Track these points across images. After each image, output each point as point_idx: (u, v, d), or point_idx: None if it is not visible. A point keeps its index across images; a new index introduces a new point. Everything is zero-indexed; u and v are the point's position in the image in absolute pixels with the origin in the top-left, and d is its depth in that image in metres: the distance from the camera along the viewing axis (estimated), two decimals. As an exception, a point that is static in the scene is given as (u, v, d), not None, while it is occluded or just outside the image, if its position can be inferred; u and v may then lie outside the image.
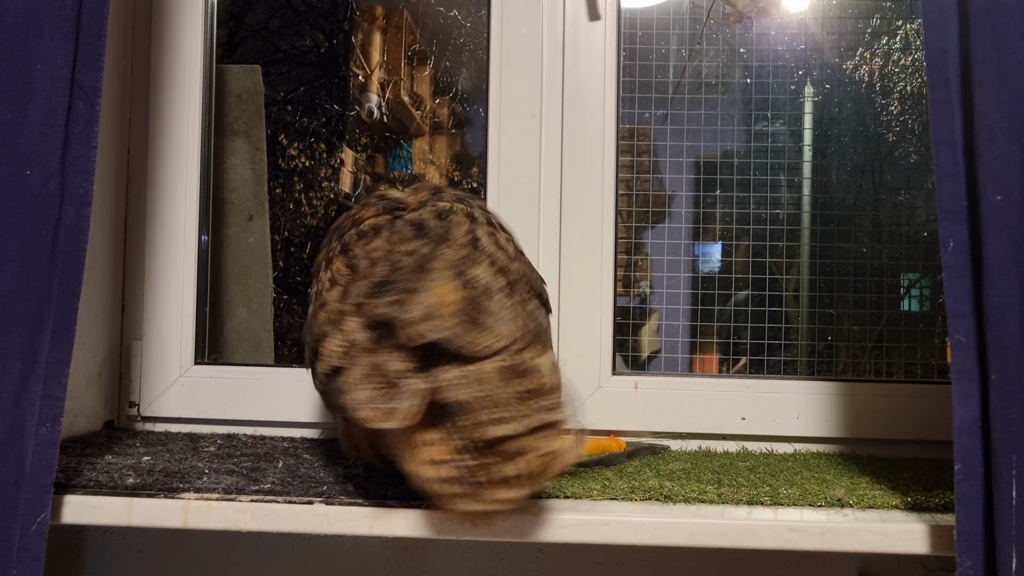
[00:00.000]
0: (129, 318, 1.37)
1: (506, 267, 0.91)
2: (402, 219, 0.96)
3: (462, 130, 1.79)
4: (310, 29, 1.80)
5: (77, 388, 1.26)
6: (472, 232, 0.93)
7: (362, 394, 0.82)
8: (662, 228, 1.56)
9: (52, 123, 0.89)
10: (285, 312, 1.64)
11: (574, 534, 0.87)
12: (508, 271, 0.91)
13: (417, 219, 0.95)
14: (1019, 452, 0.76)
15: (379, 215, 0.97)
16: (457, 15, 1.63)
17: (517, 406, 0.80)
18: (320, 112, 1.73)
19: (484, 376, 0.81)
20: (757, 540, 0.86)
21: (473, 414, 0.79)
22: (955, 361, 0.81)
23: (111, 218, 1.34)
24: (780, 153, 1.54)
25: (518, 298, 0.90)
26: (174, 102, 1.37)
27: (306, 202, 1.71)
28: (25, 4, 0.90)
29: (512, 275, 0.91)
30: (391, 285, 0.87)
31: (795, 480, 1.03)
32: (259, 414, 1.34)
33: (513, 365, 0.82)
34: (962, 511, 0.79)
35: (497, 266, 0.90)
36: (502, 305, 0.87)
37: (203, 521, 0.90)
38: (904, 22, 1.56)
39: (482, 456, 0.79)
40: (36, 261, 0.88)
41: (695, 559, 1.26)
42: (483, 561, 1.29)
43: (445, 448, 0.80)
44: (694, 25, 1.55)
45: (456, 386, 0.81)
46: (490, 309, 0.85)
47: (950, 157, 0.82)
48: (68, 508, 0.91)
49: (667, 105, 1.54)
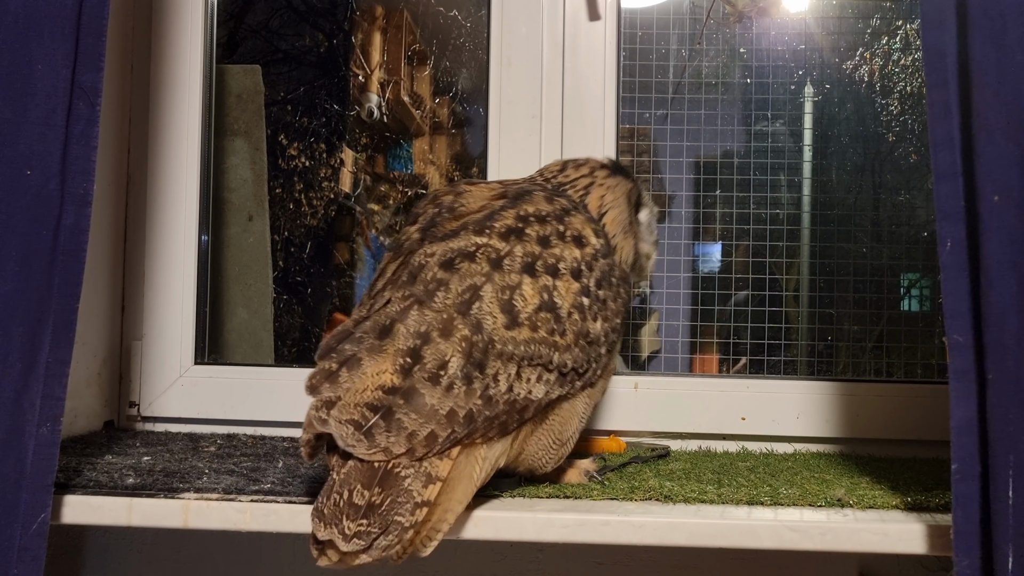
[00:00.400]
0: (129, 318, 1.37)
1: (489, 344, 0.83)
2: (414, 256, 0.88)
3: (462, 130, 1.79)
4: (310, 29, 1.80)
5: (77, 388, 1.26)
6: (472, 290, 0.84)
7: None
8: (662, 228, 1.56)
9: (52, 123, 0.89)
10: (285, 312, 1.64)
11: (574, 534, 0.87)
12: (492, 345, 0.83)
13: (418, 263, 0.87)
14: (1016, 452, 0.76)
15: (402, 238, 0.93)
16: (457, 15, 1.64)
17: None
18: (320, 112, 1.73)
19: (347, 475, 0.78)
20: (757, 540, 0.86)
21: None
22: (953, 361, 0.81)
23: (111, 218, 1.34)
24: (780, 153, 1.55)
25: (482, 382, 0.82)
26: (174, 102, 1.37)
27: (306, 202, 1.71)
28: (25, 4, 0.90)
29: (501, 347, 0.83)
30: (342, 345, 0.83)
31: (795, 480, 1.03)
32: (259, 414, 1.34)
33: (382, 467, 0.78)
34: (959, 511, 0.79)
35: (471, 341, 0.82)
36: (426, 402, 0.79)
37: (203, 521, 0.90)
38: (904, 22, 1.56)
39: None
40: (36, 261, 0.88)
41: (695, 559, 1.26)
42: (483, 561, 1.29)
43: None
44: (694, 25, 1.55)
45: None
46: (411, 405, 0.79)
47: (948, 157, 0.82)
48: (68, 508, 0.91)
49: (667, 105, 1.54)
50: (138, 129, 1.37)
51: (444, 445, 0.80)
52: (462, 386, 0.81)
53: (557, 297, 0.87)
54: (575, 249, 0.90)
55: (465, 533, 0.87)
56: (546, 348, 0.86)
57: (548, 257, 0.88)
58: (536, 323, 0.86)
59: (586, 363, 0.90)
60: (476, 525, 0.87)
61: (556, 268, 0.88)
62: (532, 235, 0.89)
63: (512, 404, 0.84)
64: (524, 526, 0.87)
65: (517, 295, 0.85)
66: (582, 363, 0.89)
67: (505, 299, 0.85)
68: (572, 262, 0.89)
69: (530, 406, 0.86)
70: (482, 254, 0.87)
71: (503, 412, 0.84)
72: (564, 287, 0.88)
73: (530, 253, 0.88)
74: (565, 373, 0.88)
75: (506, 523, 0.87)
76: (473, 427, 0.81)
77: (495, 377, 0.83)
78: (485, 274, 0.85)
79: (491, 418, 0.83)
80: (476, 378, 0.82)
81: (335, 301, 1.74)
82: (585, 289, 0.89)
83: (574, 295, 0.88)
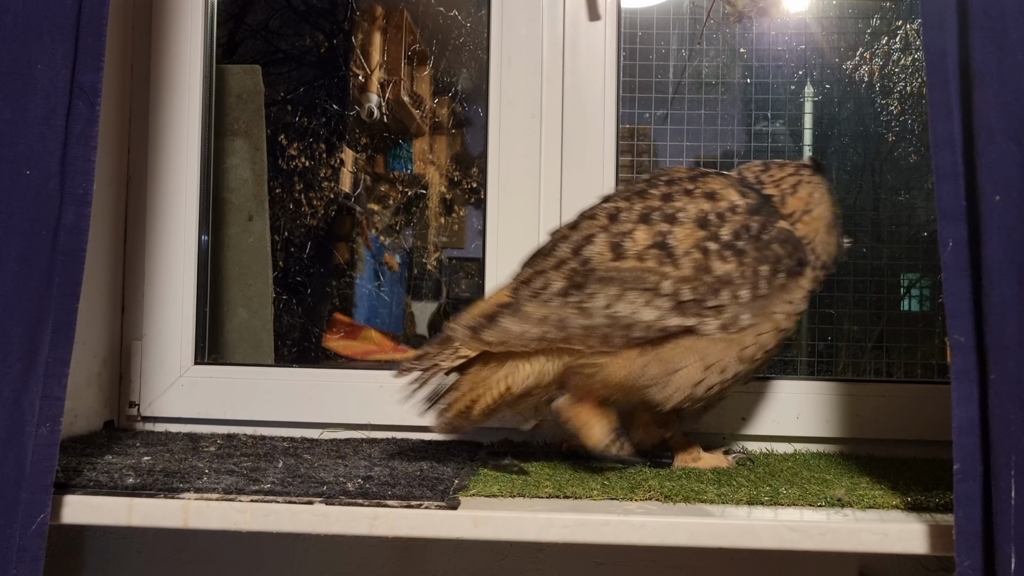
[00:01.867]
0: (129, 318, 1.37)
1: (589, 272, 0.98)
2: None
3: (462, 130, 1.79)
4: (310, 29, 1.80)
5: (77, 388, 1.26)
6: (587, 238, 1.01)
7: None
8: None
9: (52, 123, 0.89)
10: (285, 312, 1.64)
11: (574, 534, 0.87)
12: (590, 275, 0.98)
13: (555, 229, 1.08)
14: (1018, 452, 0.76)
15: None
16: (457, 15, 1.63)
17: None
18: (320, 112, 1.73)
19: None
20: (757, 540, 0.86)
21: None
22: (954, 361, 0.81)
23: (111, 218, 1.34)
24: (780, 153, 1.54)
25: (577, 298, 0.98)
26: (174, 102, 1.37)
27: (306, 202, 1.71)
28: (25, 4, 0.90)
29: (599, 275, 0.98)
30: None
31: (795, 480, 1.03)
32: (259, 414, 1.34)
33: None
34: (961, 511, 0.79)
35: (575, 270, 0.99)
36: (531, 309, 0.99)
37: (203, 521, 0.90)
38: (904, 22, 1.56)
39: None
40: (36, 261, 0.88)
41: (695, 559, 1.26)
42: (483, 561, 1.29)
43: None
44: (694, 25, 1.55)
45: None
46: (515, 312, 0.99)
47: (949, 157, 0.82)
48: (68, 508, 0.91)
49: (667, 105, 1.54)
50: (138, 129, 1.37)
51: (536, 342, 0.98)
52: (559, 300, 0.98)
53: (672, 239, 0.99)
54: (704, 203, 1.01)
55: (465, 533, 0.87)
56: (653, 276, 0.97)
57: (667, 208, 1.01)
58: (644, 256, 0.98)
59: (712, 296, 0.97)
60: (476, 525, 0.87)
61: (674, 217, 1.00)
62: (655, 194, 1.03)
63: (614, 319, 0.96)
64: (524, 526, 0.87)
65: (628, 238, 1.00)
66: (705, 295, 0.97)
67: (615, 242, 1.00)
68: (697, 213, 1.00)
69: (636, 325, 0.97)
70: (602, 212, 1.03)
71: (604, 324, 0.97)
72: (682, 232, 0.99)
73: (649, 207, 1.01)
74: (683, 302, 0.97)
75: (506, 523, 0.87)
76: (568, 332, 0.97)
77: (592, 295, 0.97)
78: (602, 226, 1.02)
79: (589, 327, 0.97)
80: (572, 295, 0.98)
81: (335, 301, 1.74)
82: (713, 236, 0.99)
83: (696, 239, 0.99)
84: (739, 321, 0.99)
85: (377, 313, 1.76)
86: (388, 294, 1.76)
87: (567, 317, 0.97)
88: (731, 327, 0.98)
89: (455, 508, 0.88)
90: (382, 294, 1.76)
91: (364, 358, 1.62)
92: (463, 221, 1.78)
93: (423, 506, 0.88)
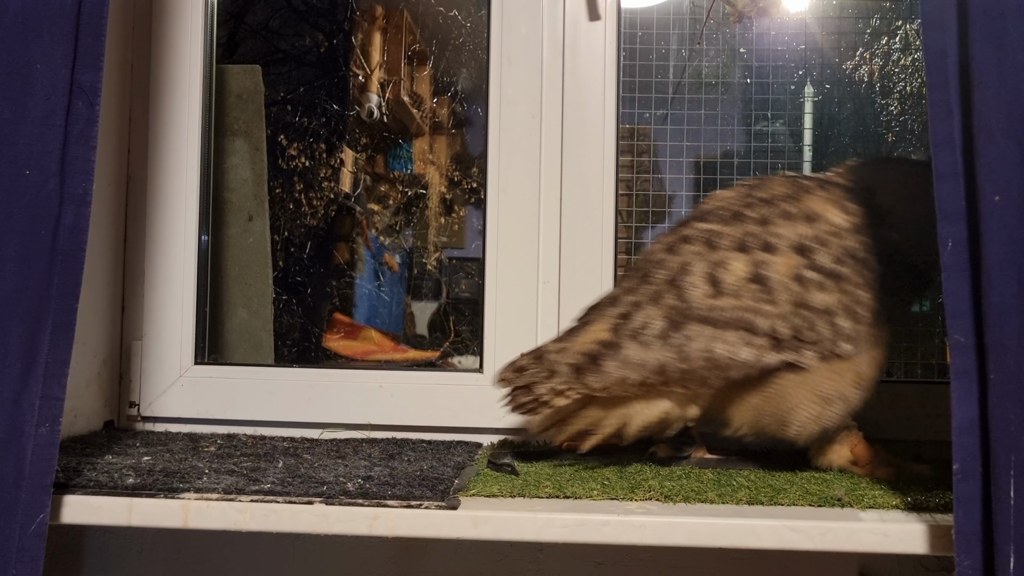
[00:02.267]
0: (129, 318, 1.37)
1: (688, 310, 0.97)
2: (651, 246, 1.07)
3: (462, 130, 1.79)
4: (310, 29, 1.80)
5: (77, 388, 1.26)
6: (683, 267, 0.99)
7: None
8: (662, 228, 1.55)
9: (51, 123, 0.89)
10: (285, 312, 1.64)
11: (574, 534, 0.87)
12: (689, 314, 0.97)
13: (649, 250, 1.06)
14: (1017, 452, 0.76)
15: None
16: (457, 15, 1.63)
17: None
18: (320, 112, 1.73)
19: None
20: (757, 540, 0.86)
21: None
22: (954, 361, 0.81)
23: (111, 218, 1.34)
24: (780, 153, 1.54)
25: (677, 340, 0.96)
26: (174, 102, 1.37)
27: (306, 202, 1.71)
28: (25, 4, 0.90)
29: (698, 314, 0.97)
30: (588, 313, 1.05)
31: (795, 480, 1.03)
32: (259, 414, 1.34)
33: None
34: (960, 511, 0.79)
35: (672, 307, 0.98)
36: (631, 353, 0.97)
37: (203, 521, 0.90)
38: (904, 22, 1.56)
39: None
40: (36, 261, 0.88)
41: (695, 559, 1.26)
42: (483, 561, 1.29)
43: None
44: (694, 25, 1.55)
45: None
46: (616, 355, 0.98)
47: (949, 157, 0.82)
48: (68, 508, 0.91)
49: (667, 105, 1.54)
50: (138, 129, 1.37)
51: (637, 388, 0.98)
52: (658, 343, 0.97)
53: (768, 270, 0.97)
54: (803, 226, 0.99)
55: (465, 533, 0.87)
56: (750, 314, 0.96)
57: (765, 235, 0.99)
58: (740, 292, 0.97)
59: (810, 331, 0.95)
60: (476, 525, 0.87)
61: (772, 245, 0.98)
62: (752, 216, 1.01)
63: (711, 361, 0.95)
64: (524, 526, 0.87)
65: (723, 269, 0.98)
66: (803, 331, 0.96)
67: (711, 273, 0.98)
68: (796, 238, 0.98)
69: (734, 366, 0.96)
70: (698, 237, 1.01)
71: (701, 367, 0.96)
72: (780, 261, 0.97)
73: (746, 232, 0.99)
74: (780, 339, 0.96)
75: (506, 523, 0.87)
76: (667, 376, 0.96)
77: (690, 338, 0.96)
78: (697, 252, 1.00)
79: (687, 371, 0.96)
80: (672, 337, 0.96)
81: (335, 301, 1.74)
82: (812, 264, 0.97)
83: (794, 268, 0.97)
84: (840, 350, 0.97)
85: (377, 313, 1.76)
86: (388, 294, 1.76)
87: (667, 363, 0.97)
88: (833, 358, 0.96)
89: (455, 508, 0.88)
90: (382, 294, 1.76)
91: (364, 358, 1.61)
92: (463, 221, 1.78)
93: (423, 506, 0.88)
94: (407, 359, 1.62)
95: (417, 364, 1.59)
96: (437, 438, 1.30)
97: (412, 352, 1.64)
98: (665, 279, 1.00)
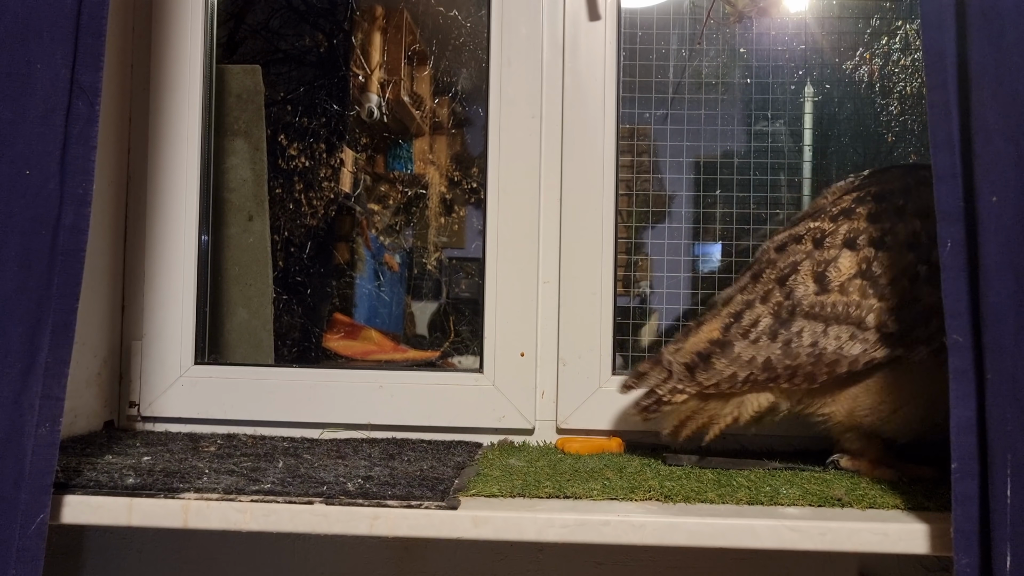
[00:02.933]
0: (129, 318, 1.37)
1: (795, 307, 1.00)
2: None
3: (462, 130, 1.79)
4: (310, 29, 1.80)
5: (77, 388, 1.26)
6: (792, 266, 1.02)
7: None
8: (662, 228, 1.55)
9: (51, 123, 0.89)
10: (285, 312, 1.64)
11: (574, 534, 0.87)
12: (796, 311, 1.00)
13: (761, 251, 1.10)
14: (1014, 451, 0.76)
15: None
16: (457, 15, 1.63)
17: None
18: (320, 112, 1.73)
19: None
20: (757, 540, 0.86)
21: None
22: (952, 361, 0.81)
23: (111, 218, 1.34)
24: (780, 153, 1.54)
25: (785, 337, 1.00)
26: (174, 102, 1.37)
27: (306, 202, 1.71)
28: (25, 4, 0.90)
29: (805, 310, 1.00)
30: (704, 313, 1.11)
31: (795, 480, 1.03)
32: (259, 414, 1.34)
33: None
34: (959, 509, 0.79)
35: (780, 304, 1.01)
36: (740, 350, 1.02)
37: (203, 521, 0.90)
38: (904, 22, 1.56)
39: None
40: (36, 261, 0.88)
41: (695, 559, 1.26)
42: (483, 561, 1.29)
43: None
44: (694, 25, 1.55)
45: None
46: (726, 353, 1.03)
47: (948, 158, 0.82)
48: (68, 508, 0.91)
49: (667, 105, 1.54)
50: (138, 129, 1.37)
51: (744, 384, 1.03)
52: (766, 339, 1.01)
53: (876, 267, 0.98)
54: (916, 221, 0.98)
55: (465, 533, 0.87)
56: (857, 310, 0.97)
57: (875, 231, 1.00)
58: (848, 289, 0.98)
59: (921, 325, 0.96)
60: (476, 525, 0.87)
61: (882, 241, 0.99)
62: (863, 213, 1.01)
63: (819, 357, 0.99)
64: (524, 526, 0.87)
65: (831, 267, 1.00)
66: (913, 324, 0.96)
67: (819, 271, 1.00)
68: (907, 236, 0.98)
69: (841, 361, 0.98)
70: (808, 235, 1.04)
71: (807, 363, 0.99)
72: (888, 257, 0.98)
73: (855, 229, 1.01)
74: (889, 334, 0.97)
75: (506, 523, 0.87)
76: (774, 372, 1.00)
77: (798, 334, 1.00)
78: (807, 252, 1.03)
79: (793, 367, 1.00)
80: (780, 333, 1.00)
81: (335, 301, 1.74)
82: (924, 259, 0.97)
83: (904, 264, 0.97)
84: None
85: (377, 313, 1.76)
86: (388, 294, 1.76)
87: (772, 358, 1.01)
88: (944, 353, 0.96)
89: (455, 508, 0.88)
90: (382, 294, 1.76)
91: (364, 358, 1.61)
92: (463, 221, 1.78)
93: (423, 506, 0.88)
94: (407, 359, 1.62)
95: (417, 364, 1.59)
96: (437, 438, 1.30)
97: (412, 352, 1.64)
98: (775, 278, 1.04)
